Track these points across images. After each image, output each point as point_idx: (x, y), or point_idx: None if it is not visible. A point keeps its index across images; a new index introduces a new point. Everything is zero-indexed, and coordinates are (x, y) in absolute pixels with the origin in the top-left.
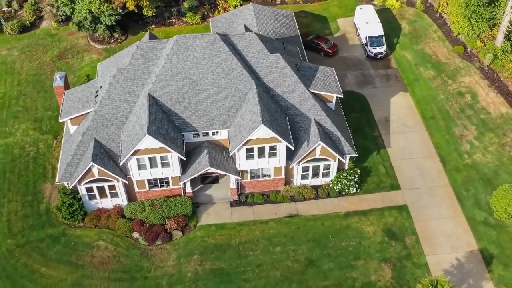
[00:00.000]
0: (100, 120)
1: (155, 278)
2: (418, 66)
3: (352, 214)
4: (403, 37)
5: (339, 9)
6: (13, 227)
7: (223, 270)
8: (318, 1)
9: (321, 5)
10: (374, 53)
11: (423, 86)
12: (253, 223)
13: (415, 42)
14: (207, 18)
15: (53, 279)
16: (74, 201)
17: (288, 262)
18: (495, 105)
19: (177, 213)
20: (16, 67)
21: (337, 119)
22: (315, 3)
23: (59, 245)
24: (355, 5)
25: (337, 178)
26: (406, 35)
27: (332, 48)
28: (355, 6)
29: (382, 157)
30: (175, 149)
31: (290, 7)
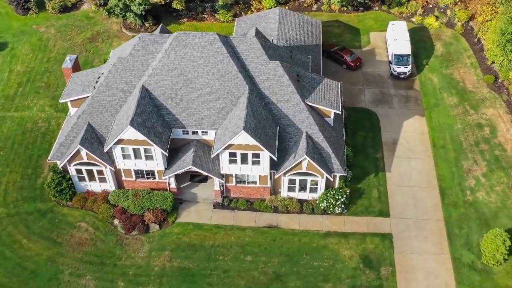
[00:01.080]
0: (96, 106)
1: (123, 266)
2: (443, 91)
3: (332, 234)
4: (434, 59)
5: (375, 23)
6: (8, 197)
7: (190, 270)
8: (355, 12)
9: (357, 16)
10: (398, 72)
11: (442, 112)
12: (230, 228)
13: (445, 66)
14: (238, 15)
15: (30, 251)
16: (63, 180)
17: (255, 272)
18: None
19: (157, 206)
20: (49, 44)
21: (333, 135)
22: (352, 13)
23: (44, 220)
24: (391, 19)
25: (324, 195)
26: (438, 57)
27: (355, 61)
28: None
29: (378, 180)
30: (158, 143)
31: (325, 15)
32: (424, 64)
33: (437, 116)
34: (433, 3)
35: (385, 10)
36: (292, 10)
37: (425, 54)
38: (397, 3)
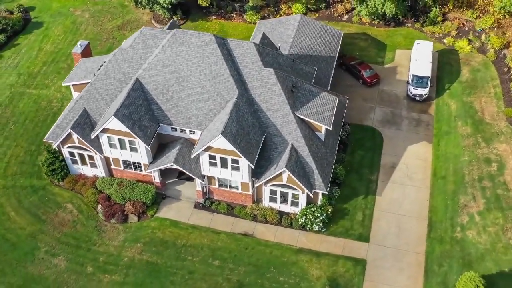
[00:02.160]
0: (93, 93)
1: (96, 252)
2: (458, 119)
3: (305, 251)
4: (457, 84)
5: (404, 40)
6: (9, 169)
7: (157, 265)
8: (386, 27)
9: (387, 31)
10: (414, 94)
11: (452, 141)
12: (205, 230)
13: (468, 93)
14: (266, 18)
15: (15, 224)
16: (56, 160)
17: (219, 278)
18: None
19: (138, 198)
20: (81, 28)
21: (322, 151)
22: (382, 28)
23: (35, 197)
24: (422, 39)
25: (304, 210)
26: (462, 83)
27: (372, 78)
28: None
29: (367, 203)
30: (141, 137)
31: (354, 27)
32: (445, 88)
33: (445, 145)
34: (470, 26)
35: (417, 28)
36: (321, 19)
37: (449, 78)
38: (431, 22)
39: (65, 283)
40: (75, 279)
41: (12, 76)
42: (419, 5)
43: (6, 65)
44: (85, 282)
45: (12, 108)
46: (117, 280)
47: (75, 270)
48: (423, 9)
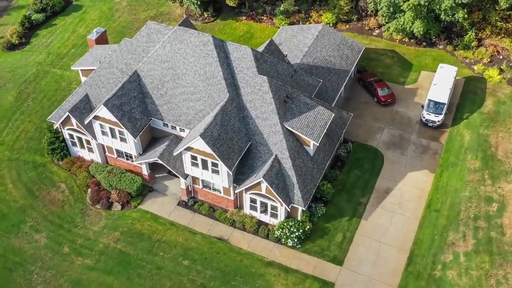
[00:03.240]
0: (96, 80)
1: (75, 234)
2: (469, 151)
3: (275, 265)
4: (477, 114)
5: (432, 61)
6: (17, 143)
7: (128, 256)
8: (416, 46)
9: (417, 51)
10: (426, 119)
11: (456, 174)
12: (183, 229)
13: (486, 126)
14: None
15: (10, 196)
16: (57, 140)
17: (185, 278)
18: None
19: (123, 188)
20: (115, 15)
21: (307, 166)
22: (412, 46)
23: (34, 172)
24: (451, 63)
25: (281, 224)
26: (482, 114)
27: (386, 97)
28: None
29: (350, 225)
30: (129, 128)
31: (383, 43)
32: (463, 117)
33: (448, 177)
34: (505, 55)
35: (449, 51)
36: (351, 31)
37: (470, 107)
38: (464, 46)
39: (40, 259)
40: (50, 257)
41: (42, 54)
42: (455, 27)
43: (39, 43)
44: (59, 262)
45: (35, 85)
46: (88, 264)
47: (52, 249)
48: (458, 32)
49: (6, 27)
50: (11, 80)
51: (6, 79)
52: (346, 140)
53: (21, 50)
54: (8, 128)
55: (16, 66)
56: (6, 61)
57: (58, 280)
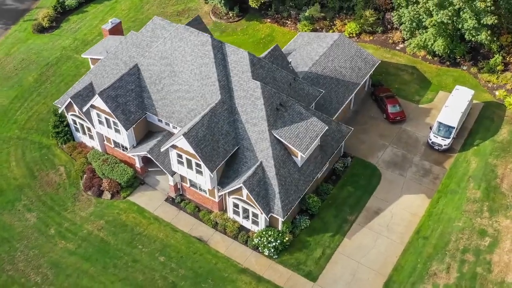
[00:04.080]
0: (101, 69)
1: (63, 218)
2: (472, 180)
3: (249, 273)
4: (489, 142)
5: (453, 82)
6: (28, 123)
7: (108, 245)
8: (439, 65)
9: (438, 69)
10: (432, 142)
11: (454, 202)
12: (165, 224)
13: (496, 155)
14: (317, 31)
15: (11, 173)
16: (61, 124)
17: (157, 274)
18: (506, 268)
19: (114, 178)
20: (145, 7)
21: (293, 177)
22: (434, 65)
23: (37, 153)
24: (473, 85)
25: (261, 232)
26: (494, 142)
27: (395, 114)
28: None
29: (331, 242)
30: (122, 120)
31: (405, 58)
32: (474, 143)
33: (444, 204)
34: None
35: (472, 73)
36: (374, 43)
37: (483, 134)
38: (489, 69)
39: (26, 238)
40: (36, 237)
41: (69, 39)
42: (483, 49)
43: (68, 28)
44: (43, 242)
45: (55, 69)
46: (69, 248)
47: (39, 229)
48: (486, 54)
49: (41, 10)
50: (35, 62)
51: (30, 61)
52: (346, 155)
53: (50, 34)
54: (23, 107)
55: (42, 49)
56: (34, 43)
57: (39, 260)
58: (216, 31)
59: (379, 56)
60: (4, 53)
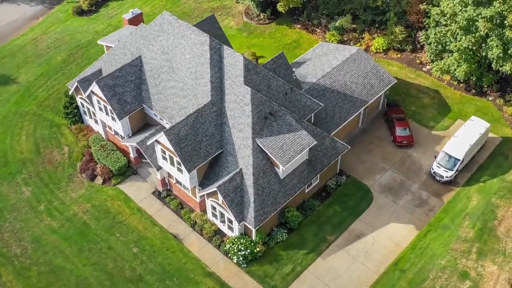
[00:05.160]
0: (110, 58)
1: (55, 196)
2: (468, 218)
3: (214, 278)
4: (497, 181)
5: (475, 112)
6: (46, 101)
7: (88, 229)
8: (463, 92)
9: (462, 96)
10: (434, 172)
11: (442, 239)
12: (146, 217)
13: (501, 195)
14: (345, 43)
15: (18, 147)
16: (70, 106)
17: (127, 264)
18: None
19: (107, 164)
20: (182, 1)
21: (273, 188)
22: (458, 91)
23: (47, 131)
24: (495, 118)
25: (233, 239)
26: (503, 182)
27: (402, 138)
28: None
29: (304, 259)
30: (116, 109)
31: (429, 80)
32: (480, 180)
33: (432, 239)
34: None
35: (497, 105)
36: (401, 61)
37: (493, 171)
38: None
39: (17, 210)
40: (26, 211)
41: (103, 24)
42: None
43: (105, 14)
44: (30, 217)
45: (84, 52)
46: (52, 226)
47: (30, 204)
48: None
49: None
50: (67, 43)
51: (63, 41)
52: (342, 173)
53: (88, 17)
54: (46, 85)
55: (77, 31)
56: (71, 25)
57: (23, 233)
58: (244, 31)
59: (403, 76)
60: (42, 31)
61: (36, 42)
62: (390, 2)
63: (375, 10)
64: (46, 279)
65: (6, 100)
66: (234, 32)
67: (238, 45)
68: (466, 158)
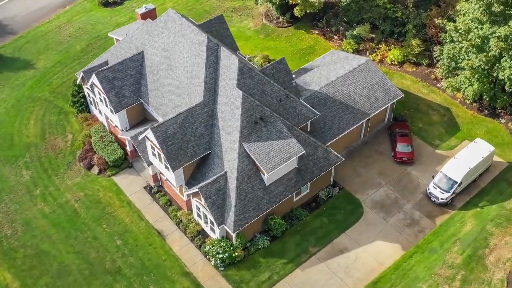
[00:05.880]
0: (116, 51)
1: (51, 182)
2: (459, 243)
3: (190, 278)
4: (496, 207)
5: (483, 134)
6: (59, 88)
7: (78, 217)
8: (476, 112)
9: (473, 117)
10: (429, 192)
11: (428, 262)
12: (135, 211)
13: (497, 223)
14: (360, 52)
15: (27, 131)
16: (78, 94)
17: (108, 256)
18: None
19: (104, 155)
20: None
21: (257, 194)
22: (471, 111)
23: (55, 117)
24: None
25: (214, 241)
26: (501, 209)
27: (402, 155)
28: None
29: (282, 269)
30: (113, 102)
31: (441, 97)
32: (478, 205)
33: (417, 261)
34: None
35: (510, 128)
36: (415, 75)
37: (493, 197)
38: None
39: (14, 193)
40: (22, 194)
41: (125, 17)
42: None
43: (129, 6)
44: (26, 200)
45: (103, 42)
46: (44, 211)
47: (27, 187)
48: None
49: None
50: (88, 33)
51: (85, 31)
52: (335, 184)
53: (112, 9)
54: (61, 72)
55: (99, 22)
56: (95, 16)
57: (15, 215)
58: (262, 33)
59: (415, 90)
60: (66, 19)
61: (59, 30)
62: (410, 14)
63: (395, 21)
64: (30, 262)
65: (22, 84)
66: (251, 34)
67: (253, 46)
68: (465, 181)
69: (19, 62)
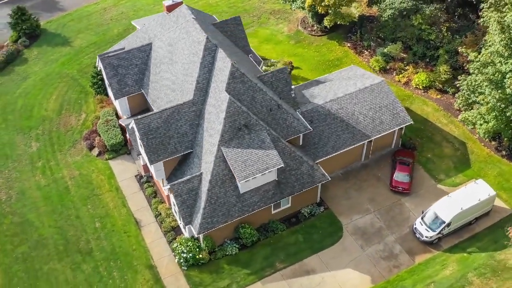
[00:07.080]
0: (133, 39)
1: (54, 156)
2: (433, 286)
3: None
4: (485, 256)
5: (494, 177)
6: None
7: (68, 194)
8: (493, 151)
9: (489, 156)
10: (415, 228)
11: None
12: (120, 197)
13: (480, 273)
14: (387, 71)
15: (46, 105)
16: (97, 77)
17: (84, 236)
18: None
19: (104, 139)
20: None
21: (229, 201)
22: (488, 149)
23: (75, 95)
24: None
25: (182, 239)
26: (491, 258)
27: (398, 184)
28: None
29: (243, 279)
30: (114, 88)
31: (460, 129)
32: (467, 250)
33: None
34: None
35: None
36: (440, 104)
37: (486, 244)
38: None
39: (19, 161)
40: (25, 163)
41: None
42: None
43: None
44: (27, 170)
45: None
46: (40, 184)
47: (32, 159)
48: None
49: None
50: (128, 18)
51: (126, 16)
52: (321, 203)
53: None
54: (93, 53)
55: (142, 9)
56: (140, 2)
57: (14, 183)
58: (293, 39)
59: (434, 119)
60: (113, 3)
61: (104, 12)
62: (444, 38)
63: (428, 44)
64: (14, 229)
65: (55, 60)
66: (282, 38)
67: (281, 51)
68: (455, 222)
69: (59, 38)
